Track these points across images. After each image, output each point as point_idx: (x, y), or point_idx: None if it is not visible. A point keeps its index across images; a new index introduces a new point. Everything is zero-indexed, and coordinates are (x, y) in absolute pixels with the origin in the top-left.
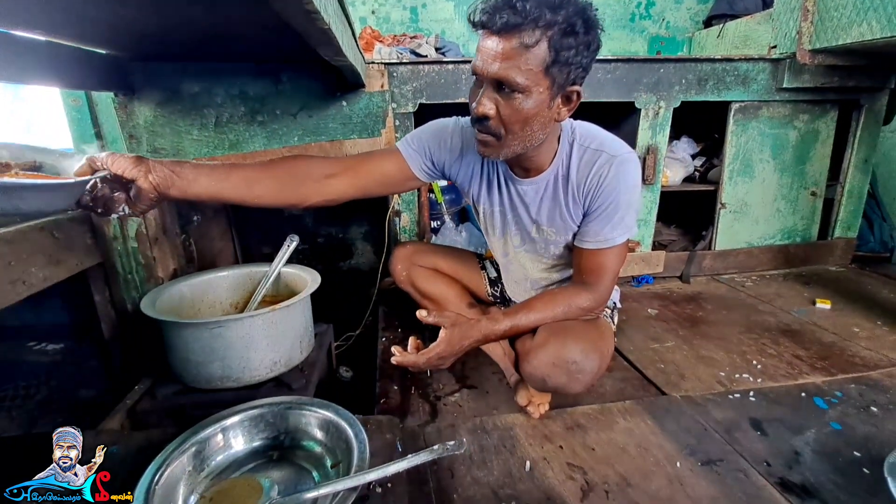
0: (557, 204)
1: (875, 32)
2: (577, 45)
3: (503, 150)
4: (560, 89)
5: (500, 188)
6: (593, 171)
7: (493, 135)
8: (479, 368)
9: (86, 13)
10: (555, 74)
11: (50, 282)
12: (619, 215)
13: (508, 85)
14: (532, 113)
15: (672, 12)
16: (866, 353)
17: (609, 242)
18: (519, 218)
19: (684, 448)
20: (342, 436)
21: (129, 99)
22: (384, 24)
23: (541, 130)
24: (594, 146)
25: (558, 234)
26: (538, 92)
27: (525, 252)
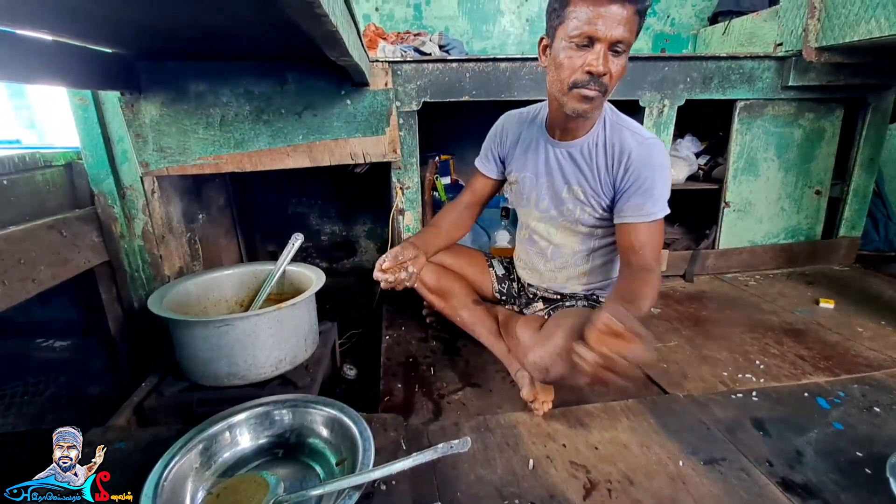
0: (590, 168)
1: (883, 30)
2: (649, 3)
3: (601, 104)
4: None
5: (538, 152)
6: (624, 147)
7: (603, 91)
8: (483, 367)
9: (93, 12)
10: (639, 27)
11: (58, 280)
12: (659, 191)
13: (624, 44)
14: (626, 63)
15: (677, 9)
16: (870, 353)
17: (652, 216)
18: (552, 179)
19: (687, 447)
20: (347, 433)
21: (135, 98)
22: (388, 21)
23: (621, 80)
24: (628, 127)
25: (586, 195)
26: (631, 47)
27: (551, 217)
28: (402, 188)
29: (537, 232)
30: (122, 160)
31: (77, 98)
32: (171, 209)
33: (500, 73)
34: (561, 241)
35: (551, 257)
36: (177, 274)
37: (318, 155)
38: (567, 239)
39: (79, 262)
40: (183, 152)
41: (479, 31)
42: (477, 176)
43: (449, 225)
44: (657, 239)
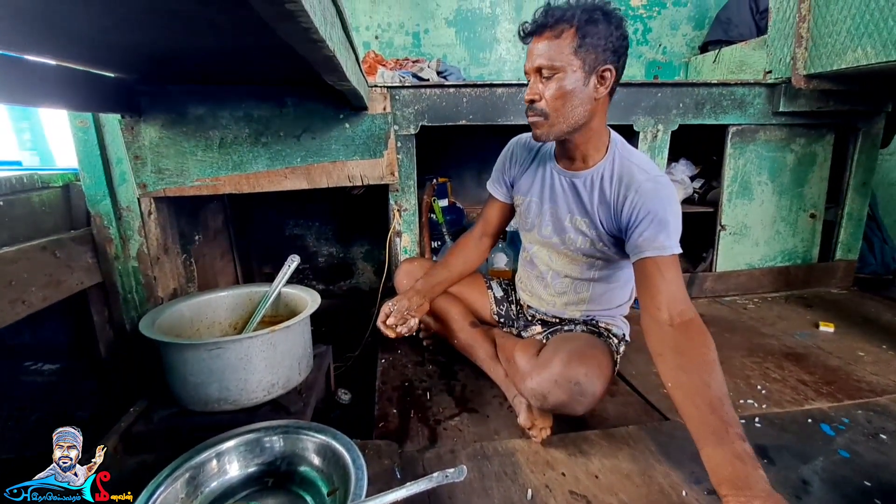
0: (593, 200)
1: (870, 58)
2: (600, 31)
3: (552, 129)
4: (592, 69)
5: (545, 179)
6: (633, 183)
7: (540, 115)
8: (480, 391)
9: (96, 38)
10: (584, 55)
11: (49, 301)
12: (672, 223)
13: (547, 68)
14: (569, 89)
15: (668, 38)
16: (872, 377)
17: (668, 250)
18: (556, 206)
19: (690, 476)
20: (339, 462)
21: (135, 120)
22: (387, 48)
23: (581, 106)
24: (637, 162)
25: (588, 227)
26: (572, 71)
27: (552, 244)
28: (399, 210)
29: (538, 256)
30: (120, 181)
31: (78, 120)
32: (168, 230)
33: (497, 98)
34: (561, 268)
35: (551, 282)
36: (171, 296)
37: (316, 177)
38: (567, 267)
39: (71, 284)
40: (181, 174)
41: (477, 58)
42: (489, 202)
43: (462, 263)
44: (675, 275)
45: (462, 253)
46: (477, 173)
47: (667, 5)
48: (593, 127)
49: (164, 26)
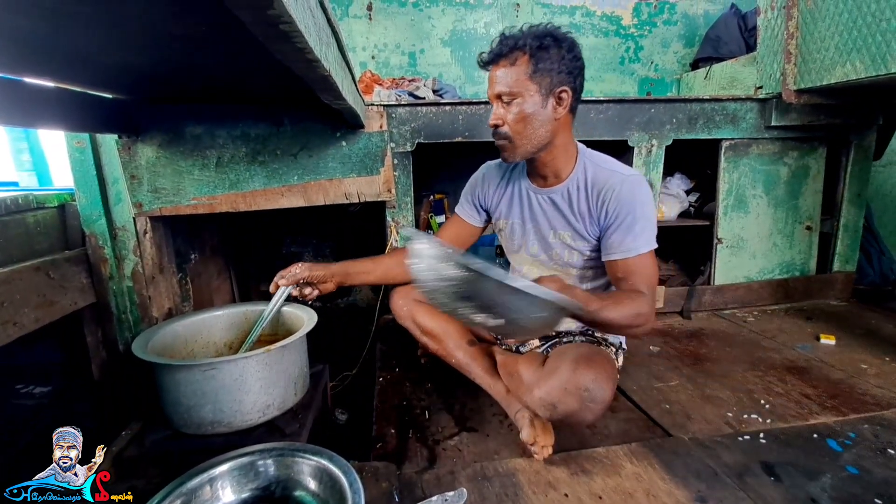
0: (572, 212)
1: (859, 72)
2: (552, 55)
3: (517, 151)
4: (549, 91)
5: (522, 200)
6: (606, 187)
7: (505, 139)
8: (480, 410)
9: (96, 61)
10: (539, 80)
11: (41, 323)
12: (640, 227)
13: (506, 95)
14: (528, 112)
15: (660, 55)
16: (877, 390)
17: (634, 251)
18: (538, 225)
19: (695, 495)
20: (336, 486)
21: (132, 140)
22: (384, 68)
23: (542, 127)
24: (608, 167)
25: (573, 239)
26: (529, 95)
27: (542, 261)
28: (396, 227)
29: (530, 276)
30: (116, 201)
31: (74, 140)
32: (164, 249)
33: None
34: None
35: None
36: (165, 315)
37: (312, 195)
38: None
39: (65, 305)
40: (177, 193)
41: (472, 77)
42: (451, 222)
43: (395, 266)
44: (646, 271)
45: (391, 259)
46: None
47: (657, 24)
48: (558, 144)
49: (161, 48)
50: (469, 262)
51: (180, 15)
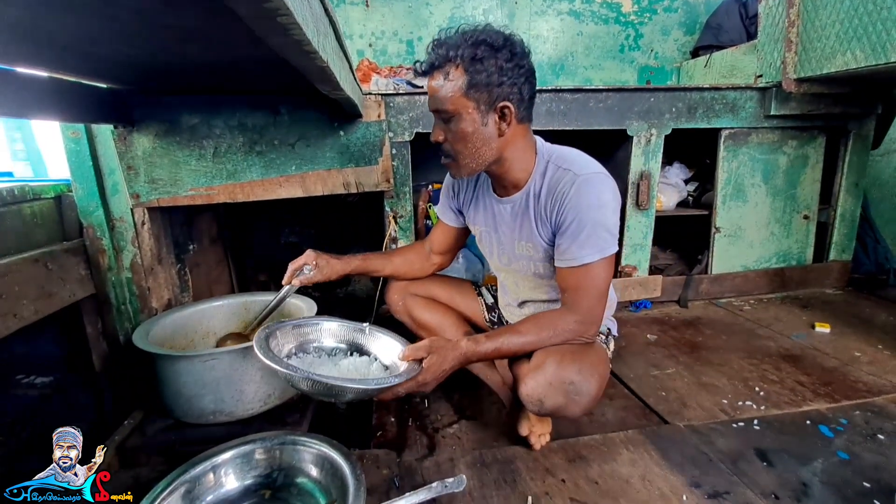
0: (529, 220)
1: (859, 61)
2: (488, 67)
3: (461, 169)
4: (489, 107)
5: (487, 208)
6: (558, 189)
7: (448, 156)
8: (478, 398)
9: (89, 51)
10: (475, 96)
11: (41, 314)
12: (586, 233)
13: (442, 112)
14: (468, 131)
15: (660, 44)
16: (869, 378)
17: (578, 261)
18: (501, 235)
19: (690, 480)
20: (337, 472)
21: (128, 131)
22: (381, 56)
23: (485, 146)
24: (564, 165)
25: (535, 250)
26: (467, 112)
27: (513, 271)
28: (394, 217)
29: (506, 283)
30: (113, 192)
31: (70, 131)
32: (162, 240)
33: None
34: (528, 294)
35: (521, 307)
36: (165, 306)
37: (310, 185)
38: (533, 291)
39: (64, 296)
40: (174, 184)
41: None
42: (440, 226)
43: (403, 264)
44: (587, 283)
45: (407, 256)
46: None
47: (657, 11)
48: (508, 157)
49: (155, 39)
50: (295, 374)
51: (174, 5)
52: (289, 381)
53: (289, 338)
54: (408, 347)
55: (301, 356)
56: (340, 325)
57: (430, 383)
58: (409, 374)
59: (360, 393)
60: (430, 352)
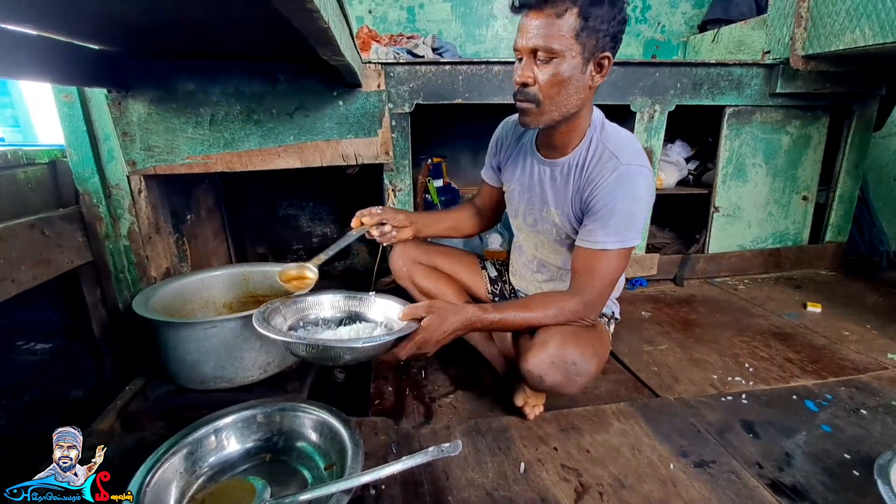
0: (567, 190)
1: (868, 39)
2: (604, 14)
3: (542, 117)
4: (591, 55)
5: (525, 166)
6: (598, 171)
7: (532, 101)
8: (475, 370)
9: (76, 7)
10: (584, 41)
11: (39, 280)
12: (615, 221)
13: (545, 51)
14: (566, 76)
15: (667, 16)
16: (856, 356)
17: (599, 245)
18: (534, 196)
19: (678, 450)
20: (336, 437)
21: (122, 96)
22: (381, 23)
23: (576, 95)
24: (611, 147)
25: (561, 219)
26: (571, 56)
27: (536, 233)
28: (394, 190)
29: (525, 244)
30: (109, 159)
31: (62, 95)
32: (159, 209)
33: (493, 76)
34: (546, 257)
35: (537, 270)
36: (163, 275)
37: (309, 156)
38: (552, 255)
39: (61, 263)
40: (171, 151)
41: (473, 35)
42: (483, 187)
43: (454, 220)
44: (601, 269)
45: (458, 215)
46: (472, 153)
47: None
48: (582, 115)
49: None
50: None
51: None
52: (287, 348)
53: (290, 312)
54: (407, 307)
55: (307, 328)
56: (342, 296)
57: (429, 343)
58: (403, 333)
59: (357, 353)
60: (430, 312)
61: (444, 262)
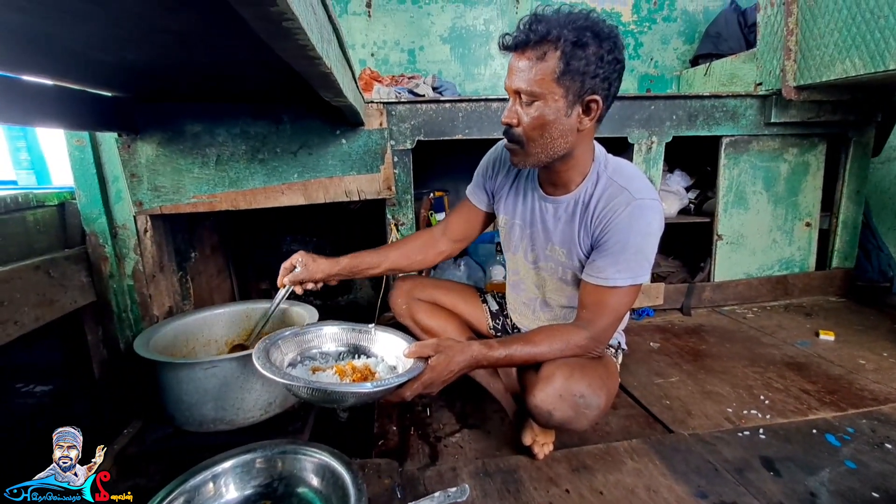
0: (572, 227)
1: (858, 69)
2: (588, 55)
3: (528, 159)
4: (577, 98)
5: (526, 201)
6: (610, 206)
7: (517, 142)
8: (481, 407)
9: (92, 57)
10: (567, 83)
11: (42, 321)
12: (626, 257)
13: (525, 94)
14: (549, 119)
15: (660, 52)
16: (875, 386)
17: (610, 282)
18: (536, 233)
19: (695, 490)
20: (338, 482)
21: (132, 138)
22: (383, 65)
23: (561, 138)
24: (621, 182)
25: (568, 257)
26: (553, 99)
27: (538, 270)
28: (396, 224)
29: (525, 282)
30: (117, 199)
31: (74, 139)
32: (164, 248)
33: (492, 112)
34: (549, 295)
35: (540, 309)
36: (166, 314)
37: (312, 192)
38: (555, 294)
39: (65, 303)
40: (177, 191)
41: (471, 74)
42: (462, 206)
43: (401, 257)
44: (610, 304)
45: (406, 247)
46: None
47: (657, 21)
48: (576, 156)
49: (158, 44)
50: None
51: (176, 10)
52: (289, 390)
53: (291, 346)
54: (414, 344)
55: (306, 363)
56: (343, 329)
57: (435, 384)
58: (412, 374)
59: (362, 397)
60: (438, 351)
61: (444, 297)
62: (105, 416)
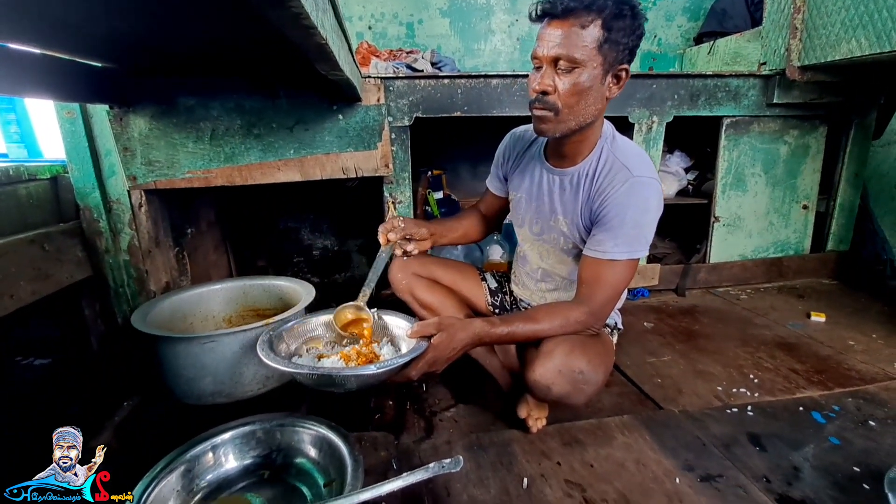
0: (576, 199)
1: (864, 49)
2: (626, 27)
3: (559, 126)
4: (610, 67)
5: (534, 176)
6: (609, 181)
7: (551, 109)
8: (476, 384)
9: (81, 26)
10: (606, 52)
11: (38, 295)
12: (625, 231)
13: (567, 60)
14: (587, 86)
15: (663, 29)
16: (862, 366)
17: (608, 255)
18: (542, 205)
19: (683, 464)
20: (336, 453)
21: (124, 112)
22: (381, 39)
23: (594, 105)
24: (622, 159)
25: (570, 228)
26: (592, 67)
27: (542, 241)
28: (394, 203)
29: (530, 253)
30: (110, 174)
31: (65, 111)
32: (159, 223)
33: (492, 89)
34: (551, 266)
35: (542, 279)
36: (163, 289)
37: (309, 169)
38: (558, 265)
39: (61, 278)
40: (171, 166)
41: (471, 50)
42: (486, 194)
43: (467, 226)
44: (608, 279)
45: (468, 223)
46: (472, 165)
47: None
48: (595, 126)
49: (150, 14)
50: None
51: None
52: (296, 378)
53: (294, 335)
54: (416, 324)
55: (310, 350)
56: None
57: (439, 361)
58: (414, 354)
59: (367, 379)
60: (440, 329)
61: (443, 275)
62: (105, 390)
